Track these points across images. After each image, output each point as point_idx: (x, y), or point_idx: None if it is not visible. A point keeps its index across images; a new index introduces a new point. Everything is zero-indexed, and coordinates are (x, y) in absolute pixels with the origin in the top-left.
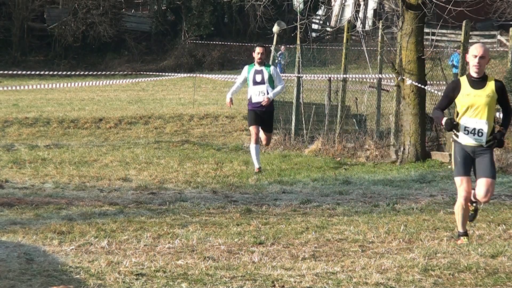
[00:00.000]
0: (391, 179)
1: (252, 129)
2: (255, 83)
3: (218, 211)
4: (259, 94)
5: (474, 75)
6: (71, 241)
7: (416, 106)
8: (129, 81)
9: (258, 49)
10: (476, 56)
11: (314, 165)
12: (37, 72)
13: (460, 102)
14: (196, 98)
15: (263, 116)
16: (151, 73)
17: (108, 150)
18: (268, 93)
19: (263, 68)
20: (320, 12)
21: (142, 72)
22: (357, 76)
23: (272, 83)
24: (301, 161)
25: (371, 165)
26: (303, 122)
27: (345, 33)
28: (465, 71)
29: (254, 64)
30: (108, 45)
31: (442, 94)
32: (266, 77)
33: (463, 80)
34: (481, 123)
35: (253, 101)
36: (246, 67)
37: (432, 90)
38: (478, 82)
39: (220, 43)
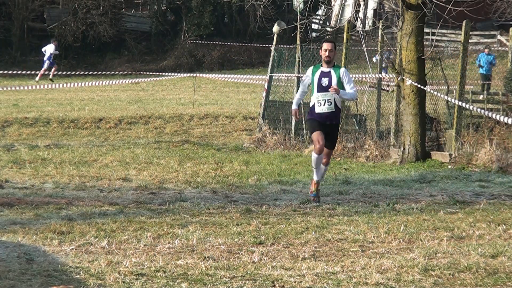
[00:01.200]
0: (391, 179)
1: (316, 135)
2: (321, 88)
3: (218, 211)
4: (324, 104)
5: None
6: (71, 241)
7: (416, 106)
8: (129, 81)
9: (326, 45)
10: None
11: None
12: (37, 72)
13: None
14: (196, 98)
15: (327, 129)
16: (151, 73)
17: (108, 150)
18: (335, 103)
19: (331, 69)
20: (320, 12)
21: (142, 72)
22: (357, 76)
23: (341, 88)
24: (301, 161)
25: (371, 165)
26: (303, 122)
27: (345, 33)
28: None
29: (321, 65)
30: (108, 45)
31: None
32: (334, 81)
33: None
34: None
35: (317, 111)
36: (310, 69)
37: (432, 91)
38: None
39: (220, 43)
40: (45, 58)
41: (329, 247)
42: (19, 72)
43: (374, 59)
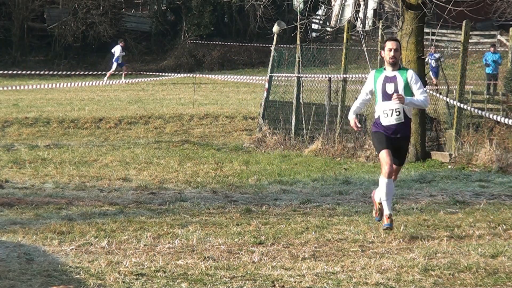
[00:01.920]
0: None
1: (384, 155)
2: (386, 96)
3: (218, 211)
4: (391, 114)
5: None
6: (71, 241)
7: None
8: (129, 81)
9: (390, 44)
10: None
11: (314, 165)
12: (37, 72)
13: None
14: (196, 98)
15: (396, 144)
16: (151, 73)
17: (108, 150)
18: (405, 112)
19: (396, 73)
20: (320, 12)
21: (142, 72)
22: (357, 76)
23: (409, 95)
24: (301, 161)
25: (371, 165)
26: (303, 122)
27: (345, 33)
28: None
29: (384, 68)
30: (108, 45)
31: None
32: (401, 86)
33: None
34: None
35: (383, 123)
36: (372, 73)
37: (431, 92)
38: None
39: (220, 43)
40: (114, 59)
41: (329, 247)
42: (19, 72)
43: (427, 60)
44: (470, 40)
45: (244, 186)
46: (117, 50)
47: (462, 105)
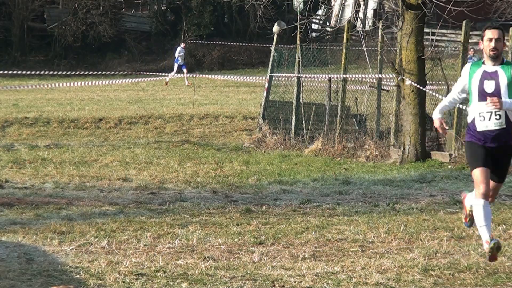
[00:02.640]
0: (391, 179)
1: (478, 173)
2: (483, 96)
3: (218, 211)
4: (489, 118)
5: None
6: (71, 241)
7: (416, 106)
8: (129, 81)
9: (491, 33)
10: None
11: (314, 165)
12: (37, 72)
13: None
14: (196, 98)
15: (493, 155)
16: (151, 73)
17: (108, 150)
18: (507, 116)
19: (498, 68)
20: (320, 12)
21: (142, 72)
22: (357, 76)
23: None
24: (301, 161)
25: (371, 165)
26: (303, 122)
27: (345, 33)
28: None
29: (483, 62)
30: (108, 45)
31: None
32: (504, 84)
33: None
34: None
35: (478, 128)
36: (467, 67)
37: (431, 92)
38: None
39: (220, 43)
40: (177, 63)
41: (329, 247)
42: (19, 72)
43: (473, 59)
44: (470, 40)
45: (244, 186)
46: (179, 51)
47: (462, 105)
